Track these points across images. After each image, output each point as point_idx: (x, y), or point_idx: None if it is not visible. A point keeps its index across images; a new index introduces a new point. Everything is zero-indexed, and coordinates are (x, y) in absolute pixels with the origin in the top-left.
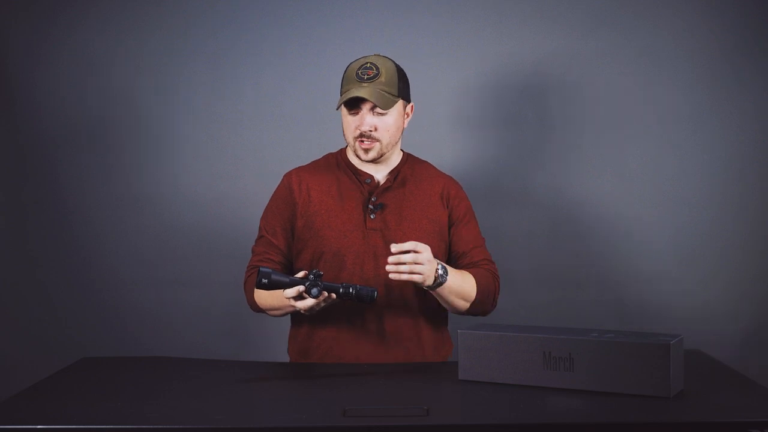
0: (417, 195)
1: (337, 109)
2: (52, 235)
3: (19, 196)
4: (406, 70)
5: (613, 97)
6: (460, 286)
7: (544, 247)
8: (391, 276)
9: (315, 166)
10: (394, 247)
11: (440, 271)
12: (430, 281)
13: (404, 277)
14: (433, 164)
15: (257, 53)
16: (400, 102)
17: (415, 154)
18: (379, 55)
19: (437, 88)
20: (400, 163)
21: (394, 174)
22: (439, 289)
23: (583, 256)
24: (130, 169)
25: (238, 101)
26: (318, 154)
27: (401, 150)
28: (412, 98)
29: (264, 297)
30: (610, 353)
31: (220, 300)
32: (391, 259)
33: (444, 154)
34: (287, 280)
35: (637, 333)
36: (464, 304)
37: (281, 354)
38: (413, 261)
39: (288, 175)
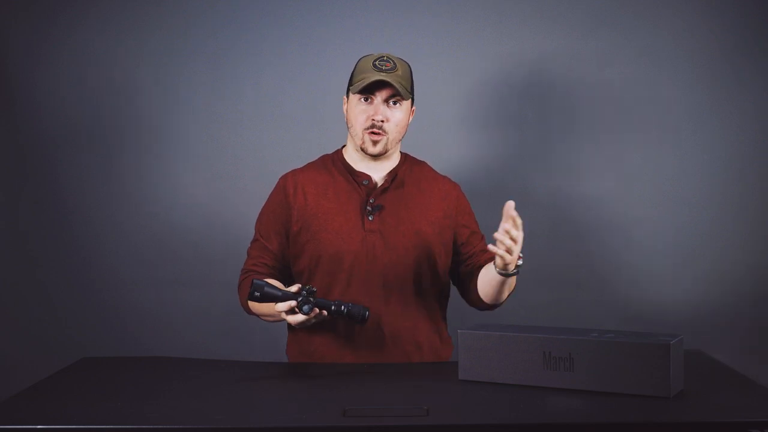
0: (416, 197)
1: (356, 92)
2: (52, 235)
3: (19, 196)
4: None
5: (613, 97)
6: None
7: (544, 247)
8: (495, 246)
9: (311, 168)
10: (511, 209)
11: (520, 262)
12: (512, 267)
13: (501, 251)
14: (432, 165)
15: (257, 53)
16: (410, 100)
17: (415, 154)
18: (390, 54)
19: (437, 88)
20: (398, 164)
21: (392, 175)
22: (510, 279)
23: (583, 256)
24: (130, 169)
25: (238, 101)
26: (318, 155)
27: (400, 151)
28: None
29: (257, 304)
30: (610, 353)
31: (220, 300)
32: (509, 227)
33: (444, 154)
34: (279, 293)
35: (637, 333)
36: (505, 298)
37: (281, 354)
38: (519, 244)
39: (283, 178)
